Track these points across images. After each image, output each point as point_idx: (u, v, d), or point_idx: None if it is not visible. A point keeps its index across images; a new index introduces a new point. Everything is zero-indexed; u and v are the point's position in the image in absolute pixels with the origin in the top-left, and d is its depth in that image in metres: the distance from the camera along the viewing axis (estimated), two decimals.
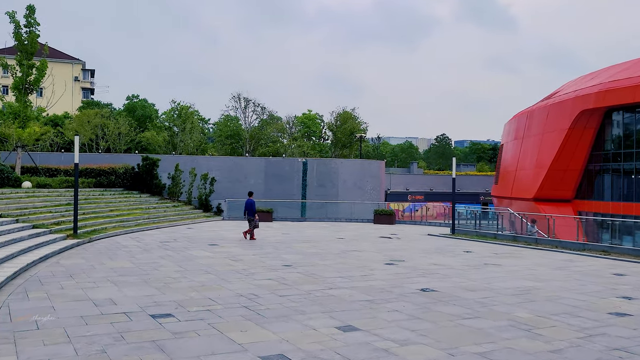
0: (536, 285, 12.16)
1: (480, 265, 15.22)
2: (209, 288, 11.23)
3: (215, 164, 39.76)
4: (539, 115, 54.57)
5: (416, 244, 20.50)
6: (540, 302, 10.29)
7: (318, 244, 20.09)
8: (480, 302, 10.26)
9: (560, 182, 49.67)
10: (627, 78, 43.91)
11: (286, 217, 32.62)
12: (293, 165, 39.88)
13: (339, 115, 56.24)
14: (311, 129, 67.60)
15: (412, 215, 40.57)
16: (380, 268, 14.34)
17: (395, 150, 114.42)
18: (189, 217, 29.78)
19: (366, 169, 41.18)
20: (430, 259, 16.22)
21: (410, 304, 10.02)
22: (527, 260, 16.44)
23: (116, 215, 24.99)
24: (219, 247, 18.51)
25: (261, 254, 16.86)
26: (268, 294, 10.73)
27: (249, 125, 56.83)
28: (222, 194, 36.00)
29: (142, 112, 60.77)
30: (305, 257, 16.16)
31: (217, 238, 21.42)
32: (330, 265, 14.60)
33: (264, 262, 15.12)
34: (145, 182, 32.40)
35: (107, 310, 9.16)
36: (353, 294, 10.85)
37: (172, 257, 15.82)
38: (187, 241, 20.03)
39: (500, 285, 12.02)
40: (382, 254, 17.39)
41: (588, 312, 9.48)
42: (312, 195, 38.14)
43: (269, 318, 8.78)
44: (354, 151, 56.06)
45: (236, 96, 56.64)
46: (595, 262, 16.21)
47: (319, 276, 12.89)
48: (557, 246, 19.57)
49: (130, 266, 13.98)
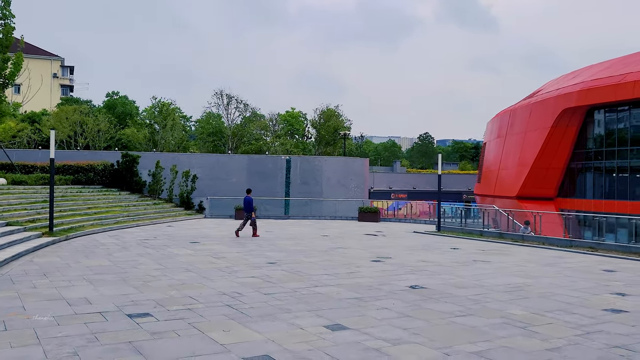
0: (527, 282, 11.89)
1: (468, 262, 14.93)
2: (189, 286, 10.75)
3: (197, 161, 39.13)
4: (521, 114, 54.76)
5: (402, 241, 20.19)
6: (533, 299, 10.00)
7: (302, 241, 19.68)
8: (472, 299, 9.94)
9: (542, 180, 49.90)
10: (609, 77, 44.20)
11: (269, 215, 32.15)
12: (276, 162, 39.40)
13: (323, 112, 55.77)
14: (294, 127, 67.09)
15: (395, 213, 40.34)
16: (366, 265, 13.97)
17: (378, 149, 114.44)
18: (170, 215, 29.15)
19: (350, 166, 40.86)
20: (418, 256, 15.90)
21: (400, 301, 9.66)
22: (515, 257, 16.21)
23: (94, 213, 24.31)
24: (201, 244, 18.00)
25: (244, 251, 16.40)
26: (252, 292, 10.29)
27: (231, 123, 56.13)
28: (204, 191, 35.39)
29: (122, 109, 59.73)
30: (289, 255, 15.74)
31: (199, 236, 20.89)
32: (316, 263, 14.20)
33: (247, 259, 14.66)
34: (125, 180, 31.67)
35: (81, 310, 8.65)
36: (340, 291, 10.46)
37: (151, 255, 15.29)
38: (168, 239, 19.48)
39: (491, 282, 11.72)
40: (368, 251, 17.03)
41: (583, 309, 9.20)
42: (296, 193, 37.70)
43: (253, 317, 8.35)
44: (337, 149, 55.67)
45: (219, 93, 55.97)
46: (584, 258, 16.03)
47: (304, 274, 12.48)
48: (544, 243, 19.40)
49: (107, 264, 13.43)
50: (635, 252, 16.59)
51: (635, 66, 43.21)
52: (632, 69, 42.87)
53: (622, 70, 44.07)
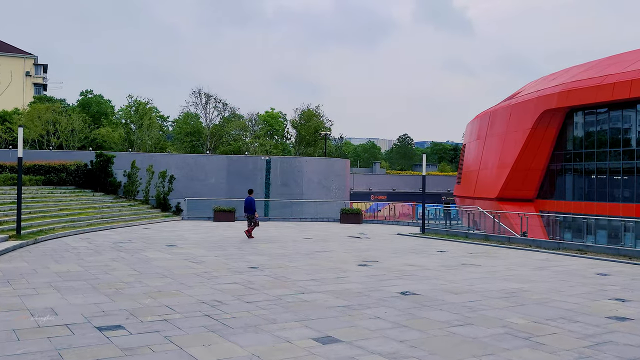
0: (521, 286, 11.38)
1: (457, 265, 14.41)
2: (166, 294, 10.00)
3: (174, 161, 38.12)
4: (501, 115, 54.80)
5: (387, 244, 19.63)
6: (531, 306, 9.49)
7: (284, 244, 18.99)
8: (467, 306, 9.37)
9: (522, 182, 49.93)
10: (589, 78, 44.35)
11: None
12: (256, 163, 38.62)
13: (303, 112, 54.99)
14: (274, 127, 66.23)
15: (375, 215, 39.85)
16: (353, 270, 13.35)
17: (357, 150, 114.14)
18: (146, 216, 28.19)
19: (331, 167, 40.26)
20: (405, 260, 15.34)
21: (392, 309, 9.05)
22: (504, 260, 15.75)
23: (66, 215, 23.28)
24: (178, 248, 17.19)
25: (224, 255, 15.65)
26: (233, 300, 9.59)
27: (209, 122, 55.01)
28: (181, 192, 34.45)
29: (97, 108, 58.18)
30: (271, 259, 15.04)
31: (176, 239, 20.06)
32: (300, 267, 13.53)
33: (227, 264, 13.93)
34: (99, 180, 30.59)
35: (46, 322, 7.85)
36: (328, 298, 9.82)
37: (125, 259, 14.45)
38: (143, 242, 18.62)
39: (484, 287, 11.19)
40: (353, 254, 16.42)
41: (585, 317, 8.70)
42: (276, 194, 36.95)
43: (235, 329, 7.66)
44: (318, 149, 55.02)
45: (196, 91, 54.74)
46: (574, 261, 15.64)
47: (288, 279, 11.81)
48: (530, 245, 19.02)
49: (77, 270, 12.59)
50: (625, 255, 16.27)
51: (615, 68, 43.45)
52: (611, 71, 43.09)
53: (602, 72, 44.28)
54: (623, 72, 41.72)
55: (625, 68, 42.38)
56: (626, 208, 41.12)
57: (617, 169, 43.52)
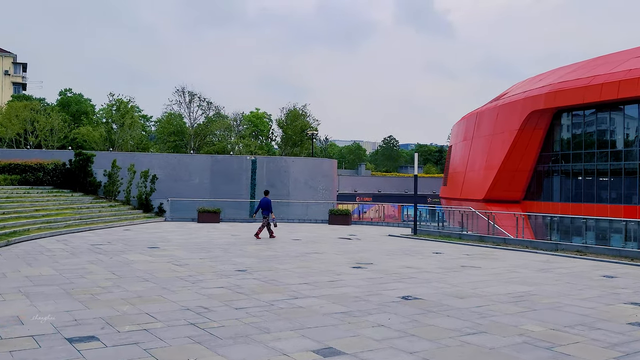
0: (529, 290, 10.69)
1: (456, 267, 13.70)
2: (146, 300, 9.13)
3: (157, 161, 37.02)
4: (488, 116, 54.47)
5: (379, 245, 18.89)
6: (544, 311, 8.78)
7: (273, 245, 18.15)
8: (476, 311, 8.64)
9: (510, 183, 49.59)
10: (577, 79, 44.13)
11: (235, 217, 30.45)
12: (241, 163, 37.67)
13: (290, 112, 53.96)
14: (259, 128, 65.18)
15: (360, 217, 39.16)
16: (347, 272, 12.57)
17: (342, 152, 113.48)
18: (127, 217, 27.13)
19: (318, 167, 39.46)
20: (401, 261, 14.59)
21: (395, 315, 8.28)
22: (504, 261, 15.08)
23: (42, 216, 22.19)
24: (160, 250, 16.26)
25: (209, 257, 14.77)
26: (221, 306, 8.75)
27: (193, 122, 53.78)
28: (164, 193, 33.37)
29: (77, 107, 56.68)
30: (260, 261, 14.20)
31: (158, 240, 19.10)
32: (291, 270, 12.71)
33: (213, 266, 13.06)
34: (78, 180, 29.44)
35: (9, 332, 6.95)
36: (324, 304, 9.02)
37: (103, 262, 13.51)
38: (123, 244, 17.65)
39: (490, 291, 10.47)
40: (345, 256, 15.64)
41: (606, 323, 8.01)
42: (262, 195, 35.99)
43: (224, 339, 6.83)
44: (304, 150, 54.12)
45: (180, 90, 53.42)
46: (575, 263, 15.03)
47: (280, 283, 10.98)
48: (527, 246, 18.41)
49: (51, 273, 11.63)
50: (627, 257, 15.71)
51: (603, 69, 43.29)
52: (599, 72, 42.92)
53: (589, 72, 44.09)
54: (611, 72, 41.57)
55: (612, 69, 42.24)
56: (614, 209, 40.93)
57: (605, 170, 43.35)
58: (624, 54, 45.21)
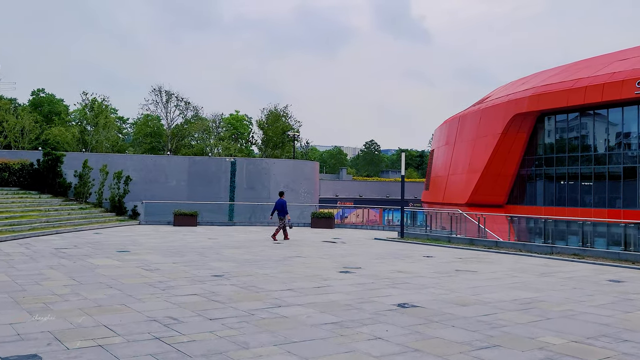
0: (534, 296, 9.73)
1: (451, 272, 12.71)
2: (107, 309, 7.94)
3: (132, 163, 35.56)
4: (471, 120, 53.99)
5: (366, 249, 17.85)
6: (559, 320, 7.81)
7: (252, 249, 16.99)
8: (483, 321, 7.63)
9: (493, 187, 49.08)
10: (560, 82, 43.80)
11: (213, 221, 29.18)
12: (220, 165, 36.38)
13: (271, 112, 52.61)
14: (239, 130, 63.79)
15: (342, 221, 38.19)
16: (335, 277, 11.49)
17: (323, 157, 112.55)
18: (99, 220, 25.70)
19: (300, 170, 38.35)
20: (391, 266, 13.56)
21: (393, 326, 7.23)
22: (500, 265, 14.15)
23: (5, 218, 20.71)
24: (130, 254, 15.00)
25: (183, 262, 13.56)
26: (193, 316, 7.61)
27: (170, 122, 52.07)
28: (139, 196, 31.96)
29: (49, 107, 54.68)
30: (239, 265, 13.05)
31: (130, 244, 17.81)
32: (273, 275, 11.59)
33: (187, 271, 11.88)
34: (46, 181, 27.89)
35: None
36: (311, 313, 7.94)
37: (65, 267, 12.23)
38: (91, 248, 16.33)
39: (493, 297, 9.49)
40: (331, 260, 14.56)
41: (632, 334, 7.06)
42: (241, 198, 34.78)
43: (194, 357, 5.71)
44: (285, 152, 52.89)
45: (157, 89, 51.65)
46: (575, 267, 14.16)
47: (260, 289, 9.86)
48: (520, 249, 17.54)
49: (3, 280, 10.35)
50: (627, 260, 14.91)
51: (586, 72, 43.01)
52: (582, 75, 42.63)
53: (573, 76, 43.78)
54: (595, 75, 41.29)
55: (596, 72, 41.97)
56: (598, 213, 40.52)
57: (589, 174, 43.02)
58: (607, 57, 45.06)
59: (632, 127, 40.45)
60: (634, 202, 40.06)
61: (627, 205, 40.11)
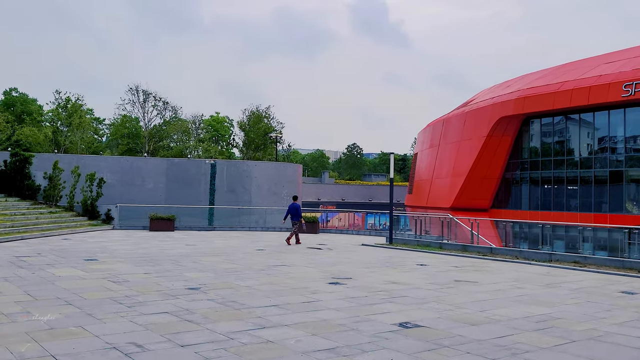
0: (549, 312, 8.72)
1: (450, 282, 11.68)
2: (60, 333, 6.72)
3: (107, 164, 34.07)
4: (455, 123, 53.35)
5: (354, 256, 16.76)
6: (585, 343, 6.80)
7: (233, 256, 15.79)
8: (501, 345, 6.58)
9: (477, 191, 48.43)
10: (546, 85, 43.32)
11: (191, 226, 27.87)
12: (200, 167, 35.07)
13: (252, 113, 51.17)
14: (220, 132, 62.31)
15: (325, 225, 37.14)
16: (324, 290, 10.37)
17: (305, 160, 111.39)
18: (69, 225, 24.23)
19: (283, 172, 37.19)
20: (383, 275, 12.49)
21: (399, 354, 6.14)
22: (500, 274, 13.16)
23: None
24: (99, 263, 13.71)
25: (156, 272, 12.33)
26: (161, 342, 6.43)
27: (148, 123, 50.36)
28: (114, 199, 30.51)
29: (22, 107, 52.68)
30: (218, 276, 11.86)
31: (99, 251, 16.48)
32: (256, 288, 10.43)
33: (159, 284, 10.66)
34: (14, 183, 26.33)
35: None
36: (301, 337, 6.81)
37: (22, 278, 10.93)
38: (56, 255, 14.99)
39: (503, 314, 8.45)
40: (318, 269, 13.43)
41: None
42: (222, 201, 33.52)
43: None
44: (267, 154, 51.58)
45: (134, 88, 49.85)
46: (580, 275, 13.23)
47: (241, 305, 8.70)
48: (517, 256, 16.61)
49: None
50: (632, 268, 14.05)
51: (572, 74, 42.58)
52: (569, 78, 42.18)
53: (559, 78, 43.34)
54: (581, 78, 40.86)
55: (582, 75, 41.54)
56: (584, 217, 40.02)
57: (575, 178, 42.57)
58: (594, 60, 44.71)
59: (619, 131, 40.06)
60: (620, 207, 39.66)
61: (613, 210, 39.68)
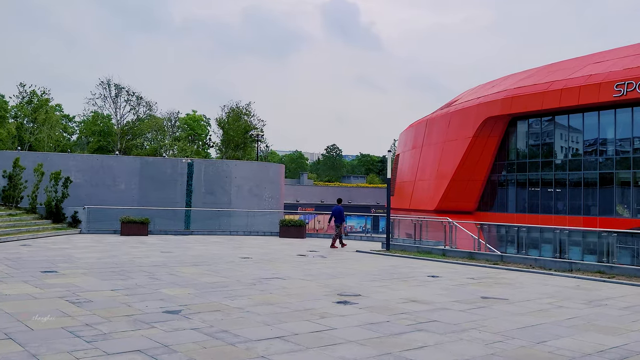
0: (623, 343, 6.99)
1: (476, 300, 9.91)
2: None
3: (75, 163, 31.62)
4: (439, 124, 52.06)
5: (353, 265, 14.92)
6: None
7: (216, 267, 13.80)
8: None
9: (463, 193, 47.24)
10: (534, 85, 42.22)
11: (167, 229, 25.72)
12: (176, 167, 32.86)
13: (232, 110, 48.84)
14: (196, 131, 59.89)
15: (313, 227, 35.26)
16: (334, 312, 8.51)
17: (284, 161, 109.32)
18: (30, 229, 21.90)
19: (264, 173, 35.19)
20: (397, 291, 10.67)
21: None
22: (528, 288, 11.46)
23: None
24: (58, 276, 11.59)
25: (126, 288, 10.29)
26: None
27: (120, 119, 47.65)
28: (83, 200, 28.15)
29: None
30: (201, 293, 9.89)
31: (61, 261, 14.32)
32: (249, 310, 8.49)
33: (129, 305, 8.66)
34: None
35: None
36: None
37: None
38: (8, 267, 12.81)
39: (568, 347, 6.69)
40: (318, 282, 11.55)
41: None
42: (200, 203, 31.39)
43: None
44: (247, 154, 49.37)
45: (105, 82, 47.06)
46: (617, 290, 11.60)
47: (236, 337, 6.76)
48: (532, 265, 15.00)
49: None
50: None
51: (560, 74, 41.53)
52: (556, 77, 41.13)
53: (546, 78, 42.28)
54: (570, 78, 39.80)
55: (570, 74, 40.51)
56: (572, 220, 39.03)
57: (563, 180, 41.54)
58: (581, 60, 43.76)
59: (609, 132, 39.11)
60: (610, 210, 38.70)
61: (603, 213, 38.71)
